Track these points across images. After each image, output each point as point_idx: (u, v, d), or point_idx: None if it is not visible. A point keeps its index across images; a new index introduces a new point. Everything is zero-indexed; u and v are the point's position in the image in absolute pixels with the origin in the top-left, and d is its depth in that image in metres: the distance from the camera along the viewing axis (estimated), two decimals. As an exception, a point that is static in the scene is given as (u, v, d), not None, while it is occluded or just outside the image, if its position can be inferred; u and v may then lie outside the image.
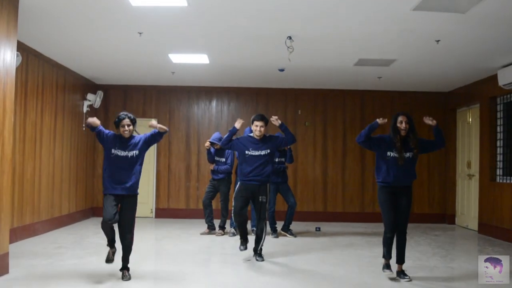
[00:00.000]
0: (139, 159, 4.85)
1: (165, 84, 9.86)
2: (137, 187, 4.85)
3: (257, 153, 5.66)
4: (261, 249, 5.84)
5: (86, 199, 9.41)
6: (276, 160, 7.44)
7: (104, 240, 7.10)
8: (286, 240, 7.36)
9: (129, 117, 4.81)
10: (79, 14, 5.45)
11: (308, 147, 9.95)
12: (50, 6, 5.17)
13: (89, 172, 9.59)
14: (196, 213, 9.48)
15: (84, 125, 4.87)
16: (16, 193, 6.56)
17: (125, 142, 4.81)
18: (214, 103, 10.08)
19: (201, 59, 7.51)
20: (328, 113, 10.02)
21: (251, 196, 5.77)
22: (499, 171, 8.12)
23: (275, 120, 5.72)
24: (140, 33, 6.06)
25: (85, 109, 9.15)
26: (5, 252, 4.85)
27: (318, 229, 8.44)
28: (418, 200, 9.86)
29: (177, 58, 7.48)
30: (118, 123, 4.79)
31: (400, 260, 4.97)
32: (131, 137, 4.85)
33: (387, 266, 4.95)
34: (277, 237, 7.51)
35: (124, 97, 10.00)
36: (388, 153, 4.91)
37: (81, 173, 9.15)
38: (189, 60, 7.63)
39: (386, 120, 5.06)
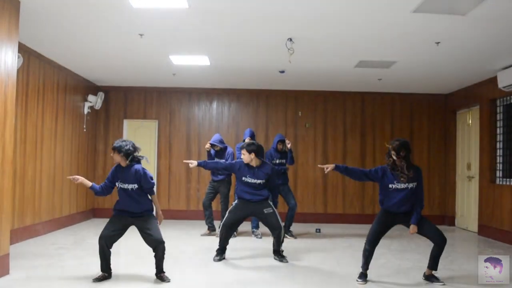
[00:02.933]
0: (139, 191, 4.76)
1: (166, 86, 9.88)
2: (148, 209, 4.83)
3: (253, 181, 5.77)
4: (282, 250, 5.98)
5: (86, 200, 9.42)
6: (277, 161, 7.47)
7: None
8: (286, 242, 7.35)
9: (119, 149, 4.69)
10: (80, 15, 5.47)
11: (309, 148, 9.96)
12: (51, 7, 5.19)
13: (90, 174, 9.60)
14: (197, 215, 9.50)
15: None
16: (17, 194, 6.57)
17: (125, 172, 4.74)
18: (214, 105, 10.09)
19: (202, 60, 7.53)
20: (328, 114, 10.03)
21: (250, 214, 5.92)
22: (498, 173, 8.12)
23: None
24: (141, 35, 6.08)
25: (86, 110, 9.17)
26: (6, 253, 4.87)
27: (318, 230, 8.44)
28: (418, 202, 9.86)
29: (178, 59, 7.49)
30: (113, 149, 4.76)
31: (433, 266, 4.98)
32: (130, 167, 4.73)
33: (362, 276, 4.99)
34: None
35: (125, 98, 10.02)
36: (390, 186, 4.88)
37: (82, 175, 9.05)
38: (190, 62, 7.65)
39: None
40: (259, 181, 5.76)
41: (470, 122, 9.27)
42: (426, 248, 6.99)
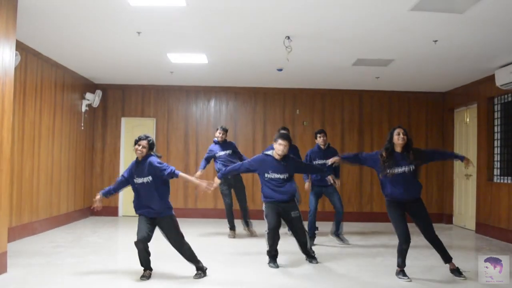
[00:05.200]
0: (155, 184, 4.72)
1: (163, 84, 9.87)
2: (165, 209, 4.76)
3: (276, 176, 5.46)
4: (312, 251, 5.84)
5: (84, 198, 9.41)
6: (319, 162, 6.99)
7: (102, 239, 7.12)
8: (284, 239, 7.35)
9: (147, 139, 4.80)
10: (78, 13, 5.46)
11: (306, 146, 9.91)
12: (49, 5, 5.18)
13: (88, 171, 9.59)
14: (194, 213, 9.50)
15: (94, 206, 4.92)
16: (14, 192, 6.56)
17: (139, 166, 4.77)
18: (212, 103, 10.09)
19: (200, 58, 7.52)
20: (326, 112, 10.04)
21: (282, 212, 5.54)
22: (496, 171, 8.14)
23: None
24: (138, 33, 6.07)
25: (83, 108, 9.16)
26: (3, 251, 4.86)
27: (316, 228, 8.43)
28: (416, 200, 9.88)
29: (175, 57, 7.48)
30: (136, 142, 4.82)
31: (447, 258, 5.08)
32: (145, 160, 4.75)
33: (403, 273, 5.00)
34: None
35: (123, 96, 10.01)
36: (388, 171, 4.94)
37: (80, 172, 9.15)
38: (188, 60, 7.64)
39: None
40: (283, 175, 5.46)
41: (467, 120, 9.29)
42: (423, 247, 7.00)
